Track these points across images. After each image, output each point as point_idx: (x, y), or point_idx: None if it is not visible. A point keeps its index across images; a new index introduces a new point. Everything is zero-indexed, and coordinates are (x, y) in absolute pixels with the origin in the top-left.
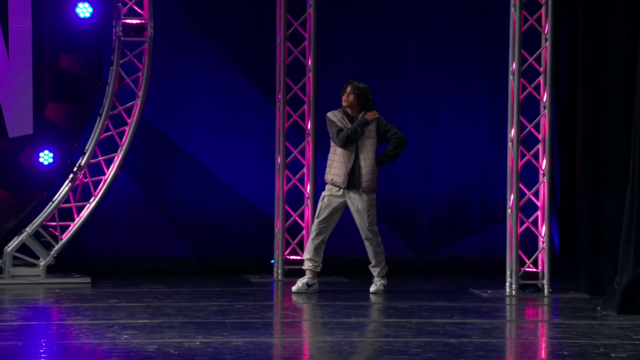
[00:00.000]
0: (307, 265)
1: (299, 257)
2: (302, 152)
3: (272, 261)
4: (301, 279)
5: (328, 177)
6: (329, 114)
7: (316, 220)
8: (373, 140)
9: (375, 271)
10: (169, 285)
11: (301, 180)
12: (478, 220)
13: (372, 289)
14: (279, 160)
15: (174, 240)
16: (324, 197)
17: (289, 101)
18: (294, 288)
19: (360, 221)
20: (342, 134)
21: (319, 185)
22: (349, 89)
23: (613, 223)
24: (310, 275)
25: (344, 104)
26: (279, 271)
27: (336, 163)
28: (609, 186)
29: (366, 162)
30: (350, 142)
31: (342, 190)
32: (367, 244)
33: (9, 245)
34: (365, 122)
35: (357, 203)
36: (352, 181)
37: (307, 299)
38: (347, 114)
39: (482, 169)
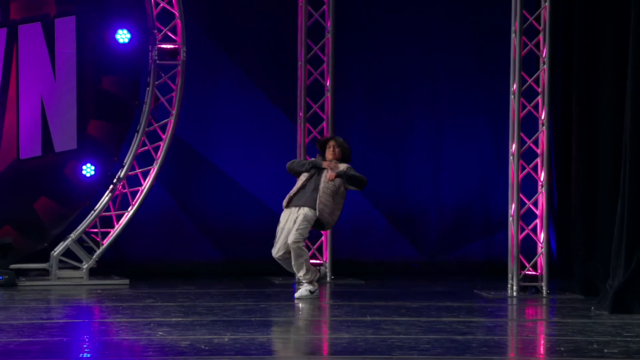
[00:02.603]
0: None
1: (318, 261)
2: None
3: None
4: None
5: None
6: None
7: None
8: (333, 187)
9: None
10: (200, 287)
11: None
12: (482, 227)
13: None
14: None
15: (204, 245)
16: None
17: (309, 119)
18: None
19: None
20: (295, 161)
21: None
22: (332, 143)
23: (605, 230)
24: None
25: (329, 157)
26: None
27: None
28: (602, 197)
29: (324, 200)
30: (294, 171)
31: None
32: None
33: (55, 249)
34: (317, 165)
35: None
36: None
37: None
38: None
39: (485, 181)
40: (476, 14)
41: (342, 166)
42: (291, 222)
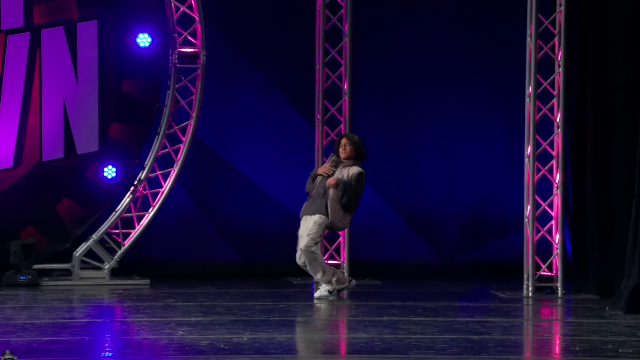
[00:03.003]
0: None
1: (336, 262)
2: None
3: None
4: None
5: None
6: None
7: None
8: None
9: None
10: (219, 287)
11: None
12: (497, 228)
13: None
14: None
15: (224, 246)
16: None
17: (327, 121)
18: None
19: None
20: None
21: None
22: (344, 141)
23: (620, 232)
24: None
25: (342, 155)
26: None
27: None
28: (616, 198)
29: (333, 207)
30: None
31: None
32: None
33: (77, 250)
34: (314, 174)
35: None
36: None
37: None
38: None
39: (501, 183)
40: (491, 17)
41: (353, 170)
42: (304, 229)
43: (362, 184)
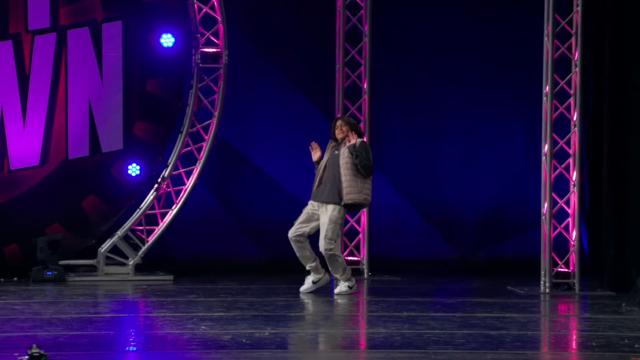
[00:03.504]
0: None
1: (356, 258)
2: None
3: None
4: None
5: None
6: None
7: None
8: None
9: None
10: (241, 283)
11: None
12: (515, 225)
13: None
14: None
15: (246, 242)
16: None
17: None
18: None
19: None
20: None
21: (375, 194)
22: (339, 123)
23: (636, 229)
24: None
25: (339, 136)
26: None
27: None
28: (632, 196)
29: (348, 179)
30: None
31: None
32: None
33: (102, 246)
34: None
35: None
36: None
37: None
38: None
39: (519, 181)
40: (510, 17)
41: (357, 141)
42: (322, 223)
43: (367, 146)
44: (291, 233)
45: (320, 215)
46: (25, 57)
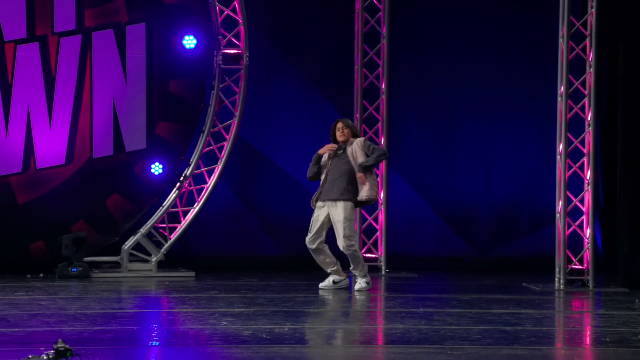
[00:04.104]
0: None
1: (373, 255)
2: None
3: None
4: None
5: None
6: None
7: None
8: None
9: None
10: (261, 279)
11: None
12: (530, 223)
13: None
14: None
15: (266, 240)
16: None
17: (365, 120)
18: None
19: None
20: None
21: (392, 193)
22: (339, 125)
23: None
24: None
25: (340, 139)
26: None
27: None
28: None
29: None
30: (312, 177)
31: None
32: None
33: (126, 243)
34: (317, 156)
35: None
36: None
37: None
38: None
39: (534, 179)
40: (526, 19)
41: (358, 141)
42: (337, 222)
43: (373, 144)
44: (310, 244)
45: (332, 214)
46: (52, 58)
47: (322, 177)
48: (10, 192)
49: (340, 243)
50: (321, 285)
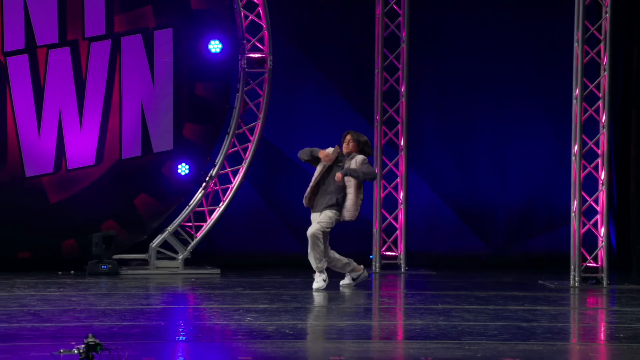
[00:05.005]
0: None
1: (393, 253)
2: (396, 165)
3: (371, 256)
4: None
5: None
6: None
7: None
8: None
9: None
10: (285, 276)
11: (395, 188)
12: (546, 222)
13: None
14: (377, 171)
15: (289, 238)
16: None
17: (385, 122)
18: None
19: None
20: (302, 150)
21: (411, 192)
22: (348, 137)
23: None
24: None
25: (345, 150)
26: (377, 265)
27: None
28: None
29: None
30: (302, 158)
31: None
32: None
33: (153, 241)
34: (314, 153)
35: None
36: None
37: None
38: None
39: (549, 179)
40: (541, 24)
41: (358, 158)
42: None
43: (369, 165)
44: (321, 265)
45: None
46: (82, 62)
47: (316, 180)
48: (42, 192)
49: (313, 227)
50: (342, 283)
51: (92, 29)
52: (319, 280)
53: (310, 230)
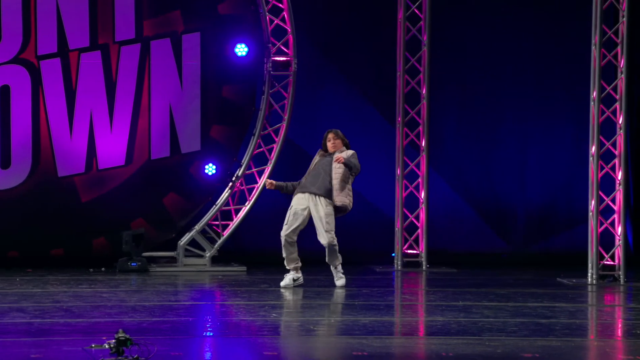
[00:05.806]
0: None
1: (415, 251)
2: (418, 165)
3: (393, 254)
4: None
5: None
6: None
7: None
8: (343, 171)
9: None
10: (309, 274)
11: (417, 188)
12: (564, 221)
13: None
14: (398, 171)
15: (313, 236)
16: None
17: (407, 123)
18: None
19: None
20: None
21: (432, 192)
22: (330, 135)
23: None
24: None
25: (331, 149)
26: (399, 262)
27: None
28: None
29: (338, 185)
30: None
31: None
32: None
33: (181, 240)
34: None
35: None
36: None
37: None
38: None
39: (568, 179)
40: (561, 27)
41: (348, 152)
42: (310, 210)
43: (356, 157)
44: (289, 237)
45: (313, 209)
46: (113, 65)
47: (309, 171)
48: (74, 191)
49: (324, 238)
50: (282, 283)
51: (122, 33)
52: (341, 277)
53: (325, 241)
